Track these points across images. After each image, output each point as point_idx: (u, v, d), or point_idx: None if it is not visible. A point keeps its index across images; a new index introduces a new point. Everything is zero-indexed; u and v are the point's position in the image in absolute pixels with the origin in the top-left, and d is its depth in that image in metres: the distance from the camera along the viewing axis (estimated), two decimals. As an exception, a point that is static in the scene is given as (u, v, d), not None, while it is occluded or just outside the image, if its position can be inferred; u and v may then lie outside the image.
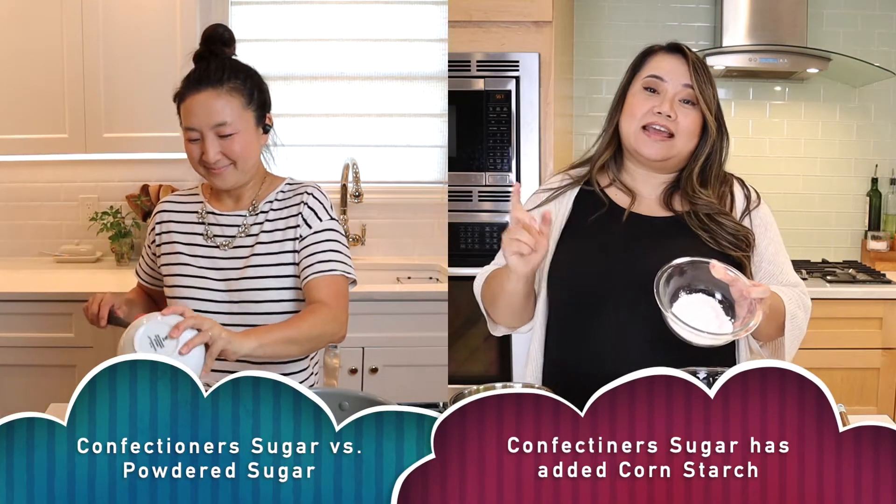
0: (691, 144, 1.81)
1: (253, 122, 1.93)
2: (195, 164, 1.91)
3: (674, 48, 1.84)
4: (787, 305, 1.74)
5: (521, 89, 3.10)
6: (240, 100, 1.90)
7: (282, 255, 1.95)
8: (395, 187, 3.64)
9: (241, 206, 2.00)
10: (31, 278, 3.20)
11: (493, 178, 3.14)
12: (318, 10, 3.55)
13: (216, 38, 1.96)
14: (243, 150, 1.90)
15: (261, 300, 1.92)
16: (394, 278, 3.51)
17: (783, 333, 1.75)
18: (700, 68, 1.81)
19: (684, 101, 1.79)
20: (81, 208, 3.53)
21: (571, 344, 1.81)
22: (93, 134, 3.21)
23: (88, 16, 3.14)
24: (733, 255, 1.78)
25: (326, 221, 1.97)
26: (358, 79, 3.60)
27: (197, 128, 1.87)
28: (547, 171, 3.14)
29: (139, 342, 1.54)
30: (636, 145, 1.80)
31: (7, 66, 3.16)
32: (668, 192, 1.86)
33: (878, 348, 3.25)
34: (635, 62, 1.87)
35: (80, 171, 3.51)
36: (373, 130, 3.63)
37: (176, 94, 1.93)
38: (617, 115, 1.86)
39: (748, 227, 1.83)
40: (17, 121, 3.19)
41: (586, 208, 1.87)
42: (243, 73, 1.93)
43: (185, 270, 1.96)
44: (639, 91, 1.82)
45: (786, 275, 1.85)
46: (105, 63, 3.17)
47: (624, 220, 1.82)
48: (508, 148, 3.12)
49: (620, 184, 1.88)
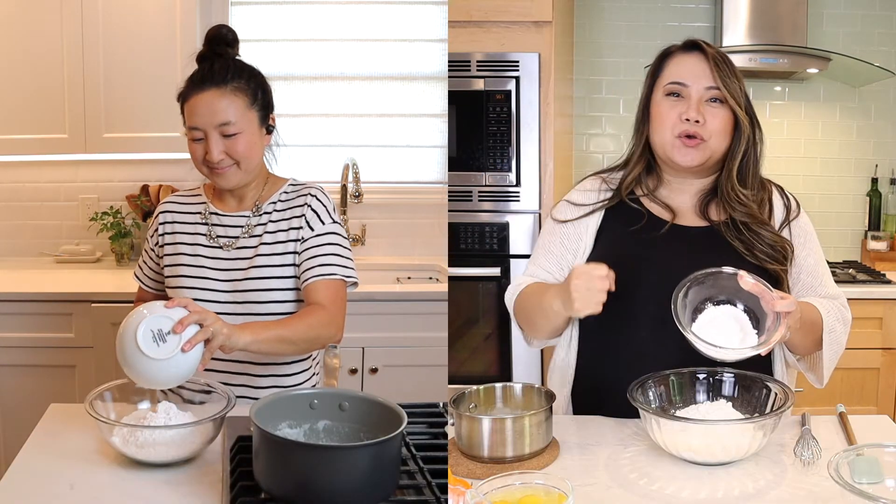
0: (725, 143, 1.75)
1: (257, 123, 1.93)
2: (198, 164, 1.91)
3: (691, 46, 1.77)
4: (825, 318, 1.69)
5: (521, 89, 3.10)
6: (244, 99, 1.89)
7: (285, 255, 1.95)
8: (395, 187, 3.64)
9: (244, 206, 2.00)
10: (31, 278, 3.20)
11: (493, 178, 3.14)
12: (318, 10, 3.55)
13: (220, 38, 1.95)
14: (247, 150, 1.90)
15: (265, 301, 1.93)
16: (394, 278, 3.51)
17: (821, 347, 1.70)
18: (722, 63, 1.73)
19: (711, 100, 1.73)
20: (81, 208, 3.53)
21: (604, 355, 1.79)
22: (93, 134, 3.21)
23: (88, 16, 3.14)
24: (770, 268, 1.73)
25: (329, 224, 1.96)
26: (358, 79, 3.60)
27: (201, 127, 1.87)
28: (547, 171, 3.14)
29: (142, 335, 1.54)
30: (670, 155, 1.75)
31: (7, 66, 3.16)
32: (705, 200, 1.81)
33: (878, 348, 3.25)
34: (654, 67, 1.80)
35: (80, 171, 3.51)
36: (373, 130, 3.62)
37: (179, 94, 1.92)
38: (645, 127, 1.80)
39: (787, 239, 1.78)
40: (18, 121, 3.18)
41: (620, 218, 1.82)
42: (247, 73, 1.93)
43: (188, 272, 1.96)
44: (662, 99, 1.76)
45: (825, 287, 1.80)
46: (105, 63, 3.17)
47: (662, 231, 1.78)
48: (508, 148, 3.12)
49: (656, 199, 1.83)
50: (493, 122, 3.12)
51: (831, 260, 3.74)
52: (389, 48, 3.58)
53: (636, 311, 1.73)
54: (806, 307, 1.67)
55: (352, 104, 3.61)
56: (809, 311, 1.67)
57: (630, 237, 1.79)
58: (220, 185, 1.95)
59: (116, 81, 3.19)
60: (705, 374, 1.65)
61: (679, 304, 1.57)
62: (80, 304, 2.94)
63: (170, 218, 2.04)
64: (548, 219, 1.93)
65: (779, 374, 1.79)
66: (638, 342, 1.74)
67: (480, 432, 1.54)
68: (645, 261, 1.76)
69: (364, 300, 2.92)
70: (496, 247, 3.16)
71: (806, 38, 3.49)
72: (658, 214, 1.81)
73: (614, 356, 1.77)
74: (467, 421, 1.56)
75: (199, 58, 1.95)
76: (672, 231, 1.79)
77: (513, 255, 3.14)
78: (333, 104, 3.60)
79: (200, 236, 1.99)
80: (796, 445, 1.56)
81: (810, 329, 1.67)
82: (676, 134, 1.73)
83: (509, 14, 3.10)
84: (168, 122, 3.24)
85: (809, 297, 1.76)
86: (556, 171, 3.17)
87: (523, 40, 3.11)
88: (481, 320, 3.22)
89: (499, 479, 1.29)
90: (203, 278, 1.95)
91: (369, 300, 2.98)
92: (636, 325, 1.74)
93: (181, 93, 1.92)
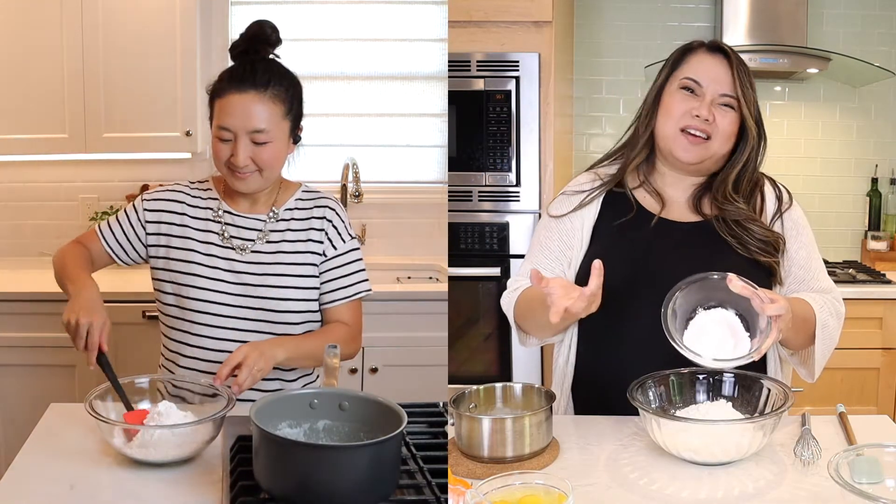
0: (727, 147, 1.75)
1: (287, 132, 1.91)
2: (219, 164, 1.87)
3: (715, 48, 1.75)
4: (818, 314, 1.68)
5: (521, 89, 3.10)
6: (281, 108, 1.86)
7: (304, 266, 1.94)
8: (395, 187, 3.64)
9: (257, 208, 1.97)
10: (31, 278, 3.20)
11: (493, 178, 3.14)
12: (318, 10, 3.55)
13: (262, 38, 1.88)
14: (272, 160, 1.87)
15: (281, 310, 1.92)
16: (394, 278, 3.51)
17: (814, 342, 1.70)
18: (742, 72, 1.73)
19: (724, 104, 1.73)
20: (81, 208, 3.53)
21: (598, 352, 1.79)
22: (93, 134, 3.20)
23: (88, 16, 3.14)
24: (763, 260, 1.74)
25: (349, 241, 2.00)
26: (358, 79, 3.60)
27: (232, 129, 1.82)
28: (547, 171, 3.14)
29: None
30: (672, 147, 1.75)
31: (7, 66, 3.16)
32: (698, 195, 1.81)
33: (878, 348, 3.25)
34: (674, 59, 1.79)
35: (80, 171, 3.50)
36: (373, 130, 3.63)
37: (213, 89, 1.86)
38: (653, 115, 1.79)
39: (778, 233, 1.77)
40: (18, 121, 3.18)
41: (614, 212, 1.82)
42: (287, 81, 1.89)
43: (202, 271, 1.92)
44: (676, 91, 1.75)
45: (818, 280, 1.79)
46: (105, 63, 3.17)
47: (651, 225, 1.78)
48: (508, 148, 3.12)
49: (650, 186, 1.83)
50: (493, 122, 3.12)
51: (831, 260, 3.75)
52: (389, 48, 3.58)
53: (633, 309, 1.73)
54: (798, 303, 1.66)
55: (352, 104, 3.60)
56: (802, 307, 1.67)
57: (622, 231, 1.79)
58: (238, 189, 1.91)
59: (116, 81, 3.19)
60: (705, 373, 1.65)
61: (669, 315, 1.57)
62: (80, 303, 2.93)
63: (179, 209, 1.96)
64: (543, 215, 1.92)
65: (772, 370, 1.80)
66: (636, 340, 1.74)
67: (480, 432, 1.54)
68: (639, 258, 1.76)
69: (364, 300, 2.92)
70: (496, 247, 3.16)
71: (806, 38, 3.49)
72: (648, 207, 1.81)
73: (613, 354, 1.77)
74: (467, 421, 1.56)
75: (236, 53, 1.89)
76: (665, 227, 1.78)
77: (513, 255, 3.14)
78: (333, 104, 3.60)
79: (213, 234, 1.94)
80: (796, 445, 1.56)
81: (803, 325, 1.67)
82: (682, 127, 1.73)
83: (509, 14, 3.10)
84: (168, 122, 3.25)
85: (802, 291, 1.76)
86: (556, 171, 3.17)
87: (523, 40, 3.11)
88: (481, 320, 3.22)
89: (499, 479, 1.29)
90: (216, 279, 1.91)
91: (369, 300, 2.97)
92: (634, 323, 1.74)
93: (215, 87, 1.86)
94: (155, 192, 2.01)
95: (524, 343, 1.91)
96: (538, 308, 1.72)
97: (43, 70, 3.16)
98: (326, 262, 1.96)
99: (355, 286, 1.99)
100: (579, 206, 1.84)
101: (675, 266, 1.64)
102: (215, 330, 1.91)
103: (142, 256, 2.00)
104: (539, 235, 1.89)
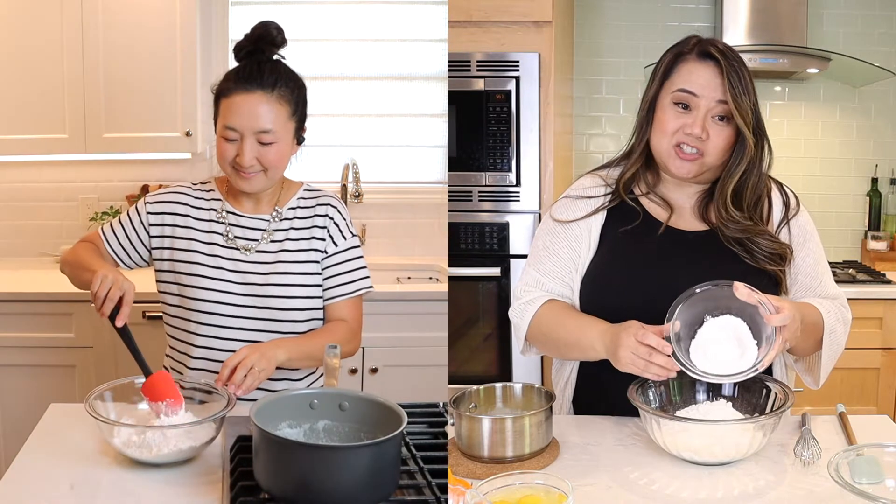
0: (723, 158, 1.72)
1: (292, 133, 1.92)
2: (224, 164, 1.88)
3: (706, 55, 1.69)
4: (825, 320, 1.67)
5: (521, 89, 3.10)
6: (287, 109, 1.87)
7: (308, 264, 1.96)
8: (395, 187, 3.64)
9: (260, 208, 1.98)
10: (31, 278, 3.20)
11: (493, 178, 3.14)
12: (318, 10, 3.55)
13: (268, 38, 1.89)
14: (277, 160, 1.89)
15: (287, 308, 1.92)
16: (394, 278, 3.51)
17: (821, 348, 1.69)
18: (735, 78, 1.67)
19: (719, 116, 1.69)
20: (81, 208, 3.53)
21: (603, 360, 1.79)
22: (93, 134, 3.20)
23: (88, 16, 3.14)
24: (769, 269, 1.72)
25: (350, 239, 2.00)
26: (358, 79, 3.60)
27: (238, 129, 1.83)
28: (547, 171, 3.14)
29: None
30: (666, 162, 1.73)
31: (7, 66, 3.16)
32: (704, 201, 1.79)
33: (878, 348, 3.25)
34: (665, 69, 1.73)
35: (81, 171, 3.50)
36: (373, 130, 3.63)
37: (219, 88, 1.87)
38: (647, 129, 1.76)
39: (786, 244, 1.75)
40: (18, 121, 3.18)
41: (621, 218, 1.79)
42: (293, 83, 1.90)
43: (206, 272, 1.92)
44: (669, 105, 1.71)
45: (825, 287, 1.78)
46: (105, 63, 3.17)
47: (659, 233, 1.76)
48: (508, 148, 3.12)
49: (656, 196, 1.81)
50: (493, 122, 3.12)
51: (831, 260, 3.74)
52: (389, 48, 3.58)
53: (636, 315, 1.72)
54: (807, 308, 1.66)
55: (352, 104, 3.61)
56: (810, 312, 1.66)
57: (629, 240, 1.78)
58: (241, 189, 1.91)
59: (116, 81, 3.19)
60: None
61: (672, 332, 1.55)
62: (80, 304, 2.94)
63: (182, 210, 1.97)
64: (546, 218, 1.88)
65: (778, 374, 1.79)
66: None
67: (480, 432, 1.54)
68: (646, 266, 1.75)
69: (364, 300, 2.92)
70: (496, 247, 3.16)
71: (806, 38, 3.49)
72: (655, 215, 1.79)
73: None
74: (467, 421, 1.56)
75: (242, 54, 1.89)
76: (671, 235, 1.77)
77: (513, 255, 3.15)
78: (333, 104, 3.60)
79: (217, 235, 1.95)
80: (796, 445, 1.56)
81: (812, 331, 1.66)
82: (675, 143, 1.70)
83: (509, 14, 3.10)
84: (168, 122, 3.25)
85: (808, 298, 1.75)
86: (556, 171, 3.17)
87: (523, 40, 3.11)
88: (481, 320, 3.22)
89: (499, 479, 1.29)
90: (221, 280, 1.92)
91: (369, 300, 2.97)
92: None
93: (220, 87, 1.86)
94: (157, 195, 2.01)
95: (525, 353, 1.90)
96: (574, 348, 1.73)
97: (43, 70, 3.16)
98: (328, 259, 1.98)
99: (356, 283, 2.00)
100: (594, 211, 1.81)
101: (681, 275, 1.62)
102: (221, 330, 1.91)
103: (145, 260, 2.00)
104: (545, 240, 1.85)
